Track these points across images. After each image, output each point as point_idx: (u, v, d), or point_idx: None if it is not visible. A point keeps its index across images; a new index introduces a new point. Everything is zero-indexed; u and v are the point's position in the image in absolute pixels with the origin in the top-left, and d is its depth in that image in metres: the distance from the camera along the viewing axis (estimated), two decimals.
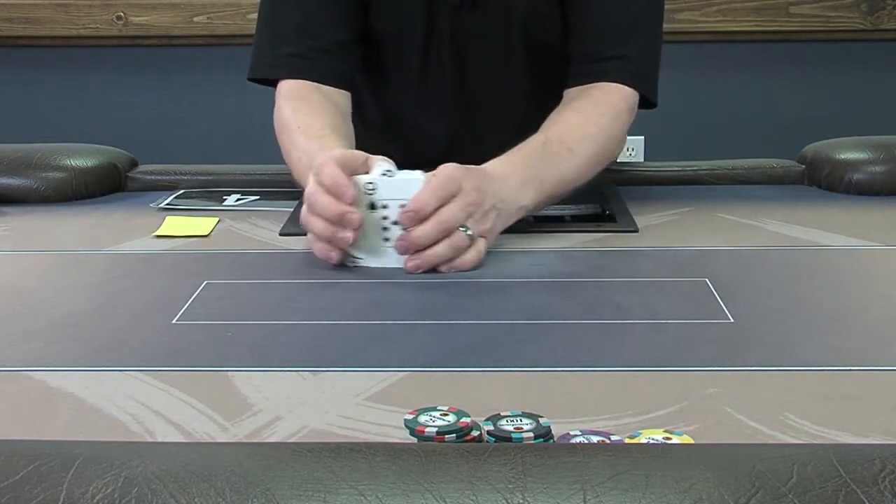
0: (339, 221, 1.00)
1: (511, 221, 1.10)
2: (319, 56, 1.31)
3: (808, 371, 0.78)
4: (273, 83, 1.33)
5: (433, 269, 1.02)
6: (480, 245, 1.04)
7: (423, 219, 1.01)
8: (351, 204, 0.99)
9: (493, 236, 1.08)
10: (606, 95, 1.27)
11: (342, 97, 1.32)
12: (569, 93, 1.29)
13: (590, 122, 1.23)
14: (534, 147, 1.17)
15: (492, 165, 1.11)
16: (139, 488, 0.52)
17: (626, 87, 1.28)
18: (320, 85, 1.30)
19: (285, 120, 1.26)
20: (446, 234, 1.02)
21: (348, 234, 1.00)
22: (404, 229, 1.01)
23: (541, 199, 1.14)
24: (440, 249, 1.02)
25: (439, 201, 1.01)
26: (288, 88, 1.31)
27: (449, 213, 1.02)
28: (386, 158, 1.06)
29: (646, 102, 1.31)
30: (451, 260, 1.02)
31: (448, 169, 1.04)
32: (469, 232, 1.03)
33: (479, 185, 1.05)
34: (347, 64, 1.35)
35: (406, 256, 1.02)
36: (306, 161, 1.15)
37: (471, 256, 1.03)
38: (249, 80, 1.35)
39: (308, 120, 1.24)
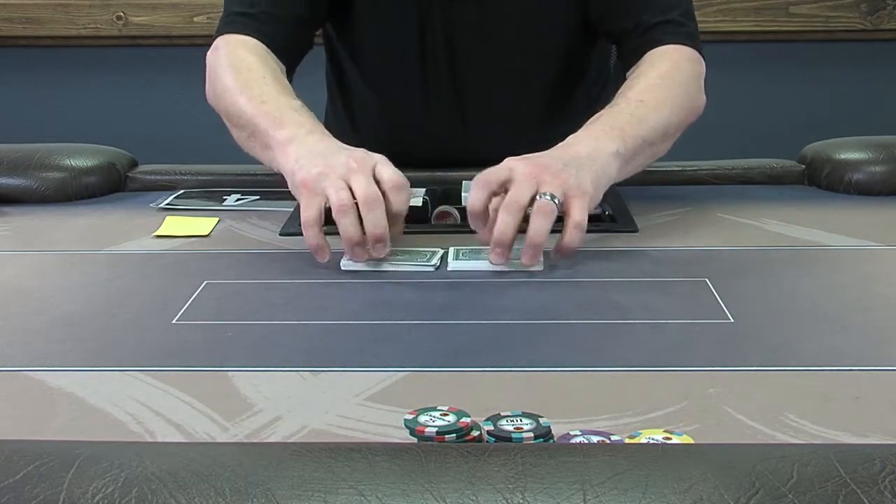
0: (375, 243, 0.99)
1: (610, 172, 1.07)
2: (271, 21, 1.27)
3: (808, 371, 0.78)
4: None
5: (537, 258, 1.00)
6: (576, 214, 1.00)
7: (479, 216, 1.00)
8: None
9: (593, 187, 1.03)
10: (661, 54, 1.25)
11: (282, 67, 1.28)
12: (630, 74, 1.27)
13: (651, 77, 1.20)
14: (599, 113, 1.15)
15: (558, 145, 1.09)
16: (139, 488, 0.52)
17: (680, 45, 1.26)
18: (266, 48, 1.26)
19: (247, 63, 1.21)
20: (521, 213, 0.99)
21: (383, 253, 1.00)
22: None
23: (630, 145, 1.10)
24: (534, 229, 0.98)
25: (489, 191, 1.00)
26: (238, 39, 1.26)
27: (512, 195, 1.00)
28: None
29: None
30: (542, 234, 0.99)
31: (500, 165, 1.04)
32: (555, 199, 0.99)
33: (533, 159, 1.03)
34: (293, 42, 1.31)
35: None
36: (291, 128, 1.11)
37: (573, 236, 1.00)
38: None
39: (276, 76, 1.19)
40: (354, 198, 0.99)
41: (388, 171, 1.02)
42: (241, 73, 1.21)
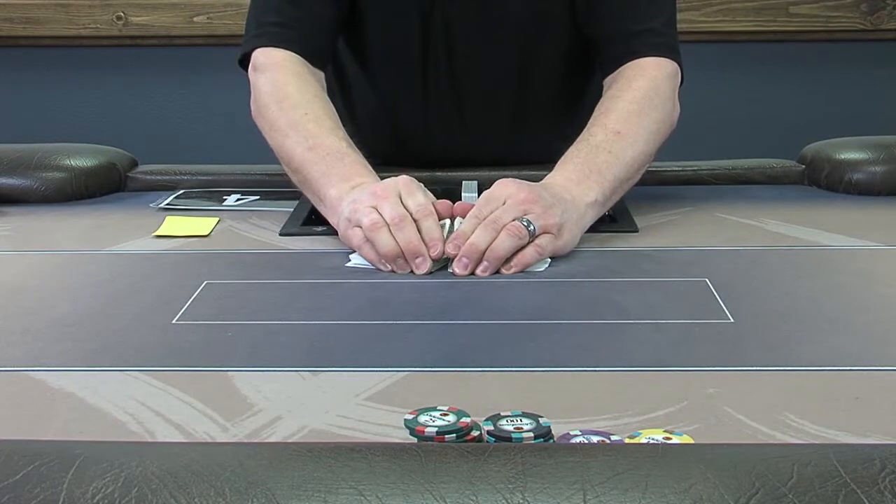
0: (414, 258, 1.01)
1: (586, 221, 1.09)
2: (304, 27, 1.28)
3: (808, 371, 0.78)
4: None
5: (496, 271, 1.01)
6: (542, 240, 1.02)
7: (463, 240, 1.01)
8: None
9: (570, 235, 1.06)
10: (640, 70, 1.25)
11: (320, 77, 1.29)
12: (606, 81, 1.28)
13: (628, 101, 1.21)
14: (579, 147, 1.16)
15: (545, 180, 1.11)
16: (139, 488, 0.52)
17: (659, 58, 1.26)
18: (302, 59, 1.27)
19: (287, 93, 1.22)
20: (497, 232, 1.01)
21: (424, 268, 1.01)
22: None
23: (607, 189, 1.12)
24: (495, 242, 1.00)
25: (480, 219, 1.02)
26: (274, 57, 1.26)
27: (496, 214, 1.02)
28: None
29: None
30: (512, 256, 1.01)
31: (495, 185, 1.06)
32: (531, 227, 1.01)
33: (531, 188, 1.05)
34: (328, 42, 1.32)
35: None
36: (325, 160, 1.14)
37: (529, 251, 1.01)
38: (241, 64, 1.31)
39: (316, 106, 1.21)
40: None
41: (412, 200, 1.04)
42: (285, 110, 1.21)
